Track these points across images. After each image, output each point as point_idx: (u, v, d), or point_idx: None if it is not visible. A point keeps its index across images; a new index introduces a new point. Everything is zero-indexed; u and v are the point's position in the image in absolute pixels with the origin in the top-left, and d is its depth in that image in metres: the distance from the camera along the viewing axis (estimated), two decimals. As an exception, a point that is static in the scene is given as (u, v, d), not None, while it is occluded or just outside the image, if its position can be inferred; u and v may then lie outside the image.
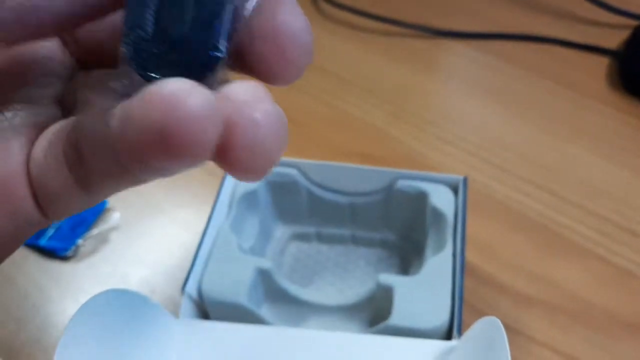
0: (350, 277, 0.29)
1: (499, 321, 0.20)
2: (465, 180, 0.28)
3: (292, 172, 0.29)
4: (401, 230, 0.30)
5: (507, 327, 0.19)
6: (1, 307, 0.30)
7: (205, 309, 0.26)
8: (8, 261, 0.34)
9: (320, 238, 0.31)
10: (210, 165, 0.36)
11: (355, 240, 0.31)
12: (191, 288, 0.25)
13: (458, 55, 0.43)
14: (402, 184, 0.28)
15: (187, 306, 0.25)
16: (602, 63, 0.41)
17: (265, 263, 0.26)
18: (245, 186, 0.28)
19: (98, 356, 0.20)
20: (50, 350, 0.28)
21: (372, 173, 0.29)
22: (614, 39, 0.42)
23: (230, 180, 0.29)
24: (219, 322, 0.24)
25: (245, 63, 0.13)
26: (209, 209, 0.28)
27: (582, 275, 0.30)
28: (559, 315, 0.29)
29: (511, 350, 0.18)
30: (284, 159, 0.29)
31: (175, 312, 0.24)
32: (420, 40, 0.44)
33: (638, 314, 0.29)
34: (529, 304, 0.29)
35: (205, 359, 0.22)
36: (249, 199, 0.29)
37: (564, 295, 0.29)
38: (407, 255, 0.30)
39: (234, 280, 0.25)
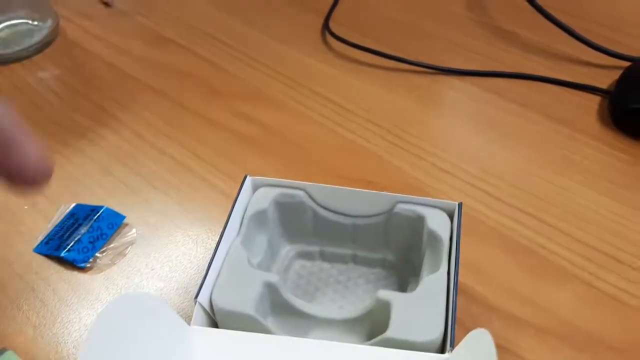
0: (350, 294, 0.31)
1: (487, 332, 0.21)
2: (460, 205, 0.30)
3: (299, 193, 0.31)
4: (400, 251, 0.32)
5: (498, 346, 0.21)
6: (21, 313, 0.32)
7: (215, 320, 0.27)
8: (29, 270, 0.37)
9: (323, 256, 0.33)
10: (223, 187, 0.41)
11: (356, 260, 0.33)
12: (203, 298, 0.27)
13: (456, 91, 0.45)
14: (401, 207, 0.30)
15: (198, 314, 0.26)
16: (593, 101, 0.44)
17: (273, 277, 0.28)
18: (256, 206, 0.30)
19: (118, 356, 0.21)
20: (66, 355, 0.30)
21: (373, 197, 0.31)
22: (605, 79, 0.45)
23: (241, 201, 0.31)
24: (229, 331, 0.26)
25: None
26: (220, 227, 0.29)
27: (570, 299, 0.32)
28: (547, 336, 0.30)
29: (501, 367, 0.20)
30: (292, 181, 0.31)
31: (187, 323, 0.26)
32: (421, 75, 0.47)
33: (621, 337, 0.30)
34: (518, 324, 0.31)
35: (215, 363, 0.24)
36: (258, 218, 0.30)
37: (552, 317, 0.31)
38: (405, 275, 0.32)
39: (242, 292, 0.27)
